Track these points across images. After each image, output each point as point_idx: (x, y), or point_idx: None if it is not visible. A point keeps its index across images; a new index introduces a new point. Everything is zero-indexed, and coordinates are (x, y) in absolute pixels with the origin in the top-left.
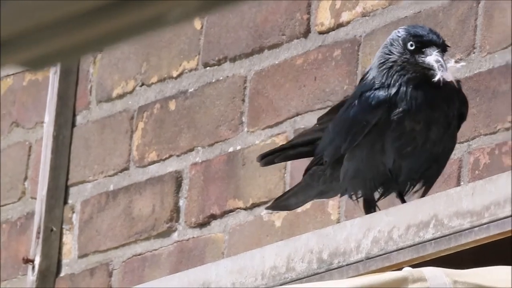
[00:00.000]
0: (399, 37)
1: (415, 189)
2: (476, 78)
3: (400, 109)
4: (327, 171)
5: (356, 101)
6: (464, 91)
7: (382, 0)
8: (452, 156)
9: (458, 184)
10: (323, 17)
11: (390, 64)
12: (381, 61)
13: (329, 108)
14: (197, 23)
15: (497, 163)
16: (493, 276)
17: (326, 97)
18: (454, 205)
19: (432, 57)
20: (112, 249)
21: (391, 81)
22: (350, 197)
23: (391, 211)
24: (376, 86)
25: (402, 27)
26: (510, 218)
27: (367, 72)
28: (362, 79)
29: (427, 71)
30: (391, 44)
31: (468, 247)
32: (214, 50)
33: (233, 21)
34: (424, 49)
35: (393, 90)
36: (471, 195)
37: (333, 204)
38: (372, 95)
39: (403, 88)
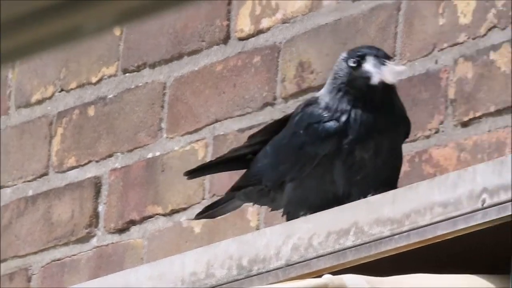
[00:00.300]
0: (343, 59)
1: None
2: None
3: (350, 137)
4: (271, 194)
5: (302, 131)
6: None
7: (302, 7)
8: None
9: None
10: (243, 23)
11: (339, 86)
12: (331, 87)
13: (248, 115)
14: (117, 30)
15: (417, 170)
16: (413, 284)
17: (245, 103)
18: (374, 213)
19: (368, 64)
20: (31, 254)
21: (341, 107)
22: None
23: (311, 218)
24: (325, 117)
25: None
26: (431, 225)
27: (317, 99)
28: (308, 104)
29: (368, 81)
30: (339, 68)
31: (388, 255)
32: (133, 56)
33: (153, 27)
34: (362, 62)
35: (343, 119)
36: (391, 203)
37: (253, 211)
38: (321, 128)
39: (352, 116)
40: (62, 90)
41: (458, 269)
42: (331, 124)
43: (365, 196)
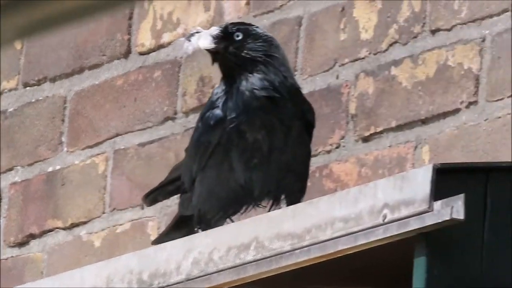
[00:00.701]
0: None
1: (281, 203)
2: None
3: (235, 120)
4: (190, 195)
5: (200, 123)
6: None
7: (203, 21)
8: None
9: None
10: (144, 37)
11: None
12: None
13: (149, 129)
14: (17, 43)
15: (318, 186)
16: None
17: (146, 118)
18: (275, 227)
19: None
20: None
21: (220, 91)
22: (202, 220)
23: (212, 233)
24: (214, 105)
25: None
26: (331, 240)
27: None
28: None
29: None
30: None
31: (289, 269)
32: (34, 70)
33: (54, 41)
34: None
35: (223, 102)
36: (292, 218)
37: (153, 225)
38: (210, 115)
39: (230, 97)
40: None
41: (359, 284)
42: (218, 111)
43: (269, 182)
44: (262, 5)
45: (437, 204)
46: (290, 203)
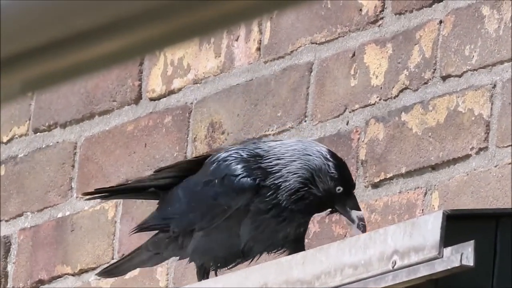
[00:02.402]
0: (330, 173)
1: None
2: None
3: (261, 198)
4: (179, 240)
5: (218, 182)
6: None
7: (214, 67)
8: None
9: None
10: (155, 83)
11: (311, 196)
12: (299, 187)
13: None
14: (24, 96)
15: (327, 231)
16: None
17: (156, 163)
18: (284, 274)
19: (355, 213)
20: None
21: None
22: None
23: (221, 279)
24: (243, 173)
25: (330, 156)
26: (341, 287)
27: (234, 152)
28: (223, 155)
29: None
30: (317, 175)
31: None
32: (44, 116)
33: (64, 87)
34: (347, 194)
35: (261, 182)
36: (301, 264)
37: (162, 271)
38: (237, 181)
39: (274, 186)
40: None
41: None
42: (247, 179)
43: (265, 251)
44: (273, 51)
45: (447, 251)
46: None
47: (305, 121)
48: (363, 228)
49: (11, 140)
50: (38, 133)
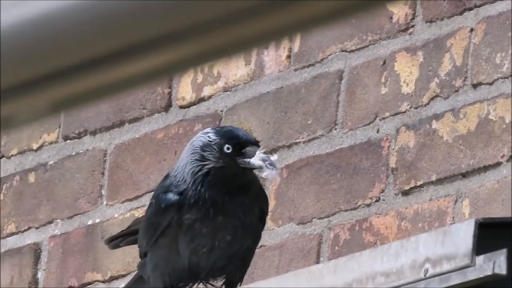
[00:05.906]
0: (211, 141)
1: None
2: (337, 154)
3: (189, 214)
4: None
5: (153, 201)
6: (325, 167)
7: (244, 75)
8: (312, 231)
9: (318, 259)
10: (185, 91)
11: (206, 170)
12: (195, 170)
13: None
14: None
15: (357, 239)
16: None
17: None
18: (315, 282)
19: (256, 158)
20: None
21: (189, 181)
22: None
23: None
24: (170, 189)
25: (210, 129)
26: None
27: (175, 172)
28: (166, 176)
29: (249, 171)
30: (203, 150)
31: None
32: (74, 123)
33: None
34: (243, 150)
35: (189, 193)
36: (333, 272)
37: None
38: (163, 198)
39: (202, 194)
40: (3, 156)
41: None
42: (172, 195)
43: (214, 268)
44: (303, 58)
45: (479, 259)
46: (229, 285)
47: (335, 129)
48: (272, 167)
49: (41, 147)
50: (68, 141)
